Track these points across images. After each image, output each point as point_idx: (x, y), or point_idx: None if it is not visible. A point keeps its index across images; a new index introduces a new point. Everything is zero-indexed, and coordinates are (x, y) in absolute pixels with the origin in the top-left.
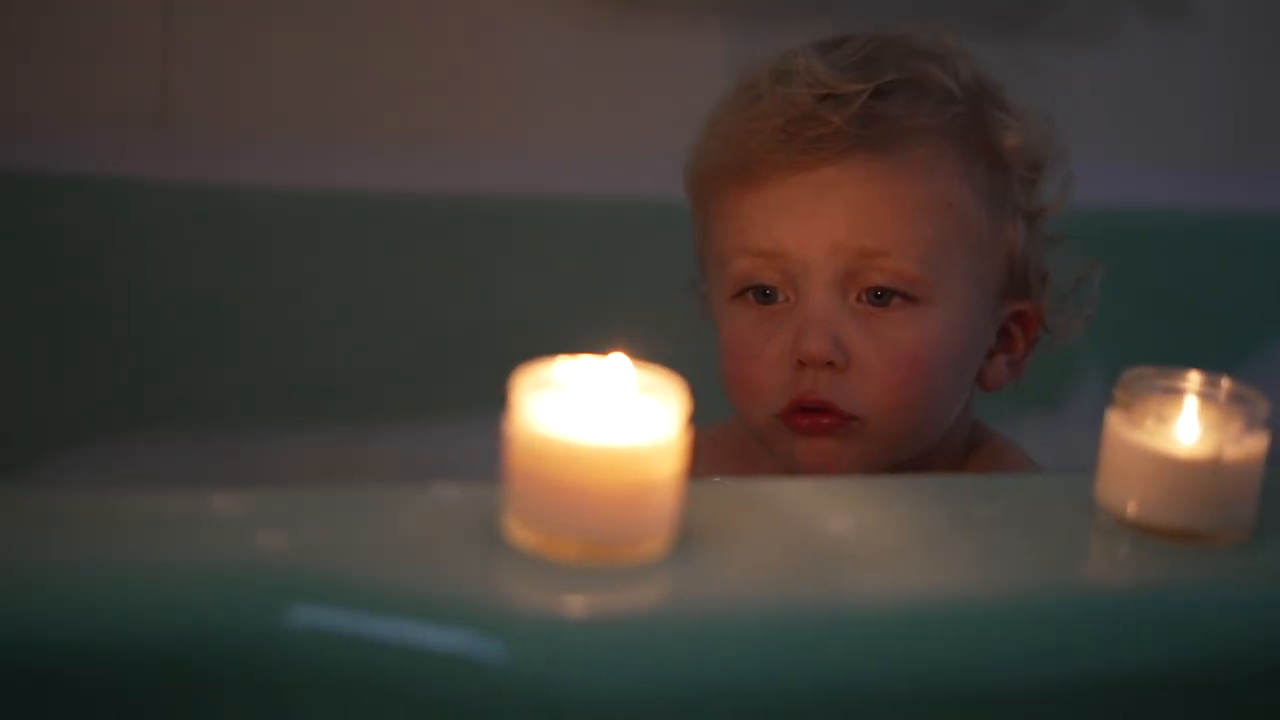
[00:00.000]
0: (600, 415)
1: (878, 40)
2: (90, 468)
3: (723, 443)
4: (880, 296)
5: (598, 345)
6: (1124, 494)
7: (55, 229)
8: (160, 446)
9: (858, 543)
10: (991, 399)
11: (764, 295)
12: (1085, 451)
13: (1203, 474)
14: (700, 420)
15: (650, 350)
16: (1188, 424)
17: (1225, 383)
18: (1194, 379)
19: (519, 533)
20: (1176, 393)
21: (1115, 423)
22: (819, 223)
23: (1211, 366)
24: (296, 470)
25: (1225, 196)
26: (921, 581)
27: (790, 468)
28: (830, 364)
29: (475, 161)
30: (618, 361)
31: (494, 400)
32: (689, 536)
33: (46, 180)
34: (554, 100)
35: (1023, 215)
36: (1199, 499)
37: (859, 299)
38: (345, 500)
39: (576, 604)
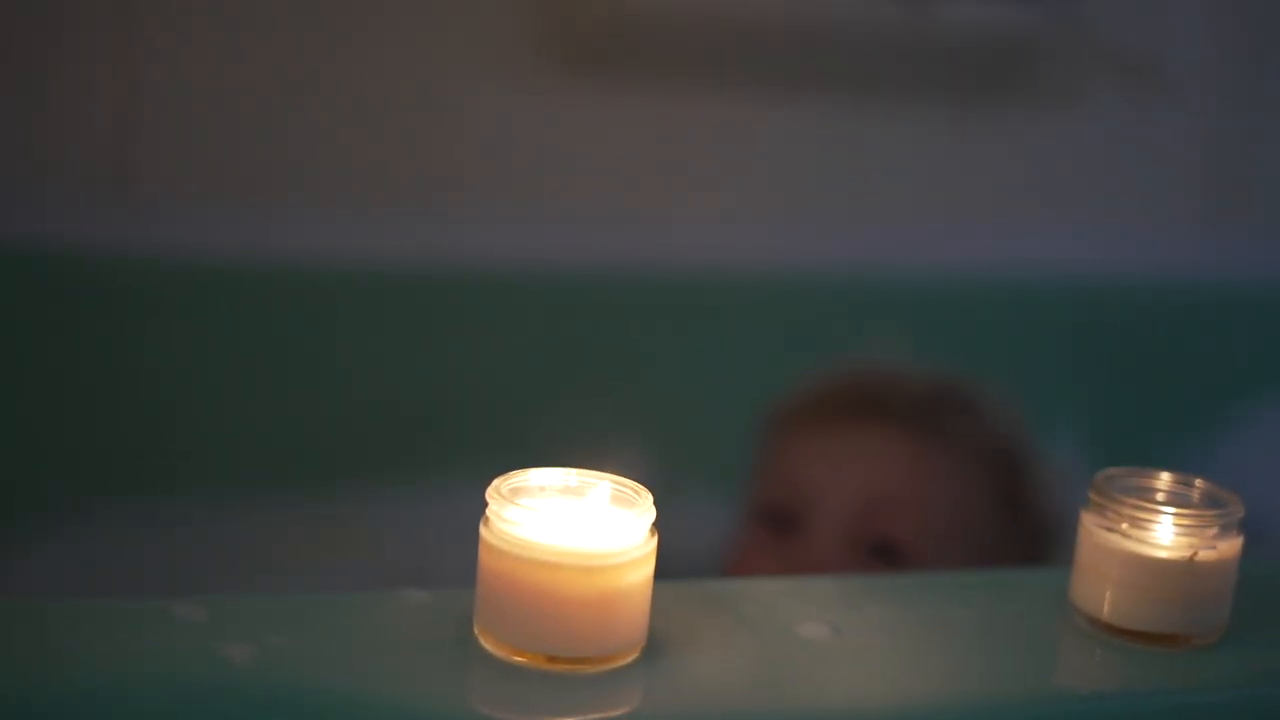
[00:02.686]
0: (570, 525)
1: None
2: (48, 538)
3: None
4: (878, 552)
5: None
6: (1098, 595)
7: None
8: (121, 517)
9: (830, 648)
10: None
11: (777, 520)
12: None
13: (1177, 577)
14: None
15: (613, 415)
16: (1162, 527)
17: (1199, 483)
18: (1167, 479)
19: (488, 641)
20: (1150, 494)
21: (1089, 524)
22: (848, 468)
23: (1179, 430)
24: (258, 539)
25: (1195, 261)
26: (895, 689)
27: None
28: None
29: (435, 227)
30: (588, 472)
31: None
32: (659, 641)
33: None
34: (513, 167)
35: (1023, 552)
36: (1173, 602)
37: (856, 546)
38: (312, 607)
39: (544, 714)
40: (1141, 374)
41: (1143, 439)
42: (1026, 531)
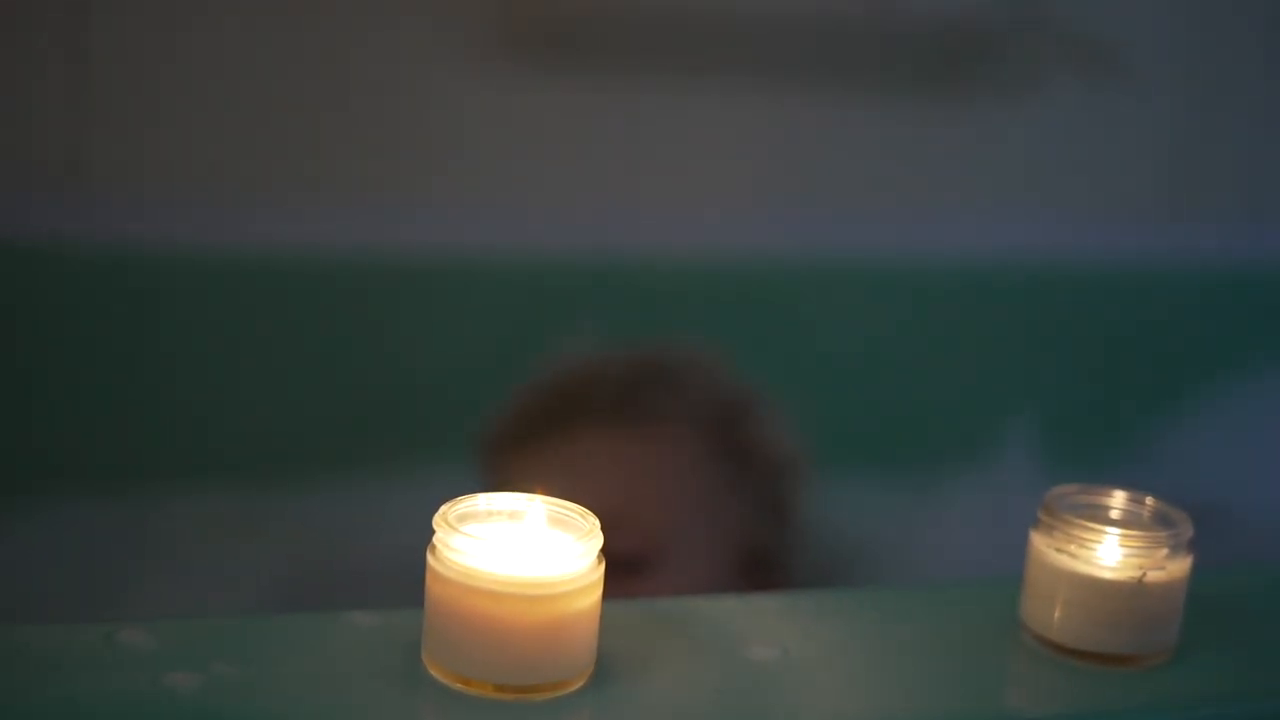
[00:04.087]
0: (517, 552)
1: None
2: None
3: None
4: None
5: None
6: (1047, 615)
7: None
8: (72, 509)
9: (779, 669)
10: (922, 451)
11: None
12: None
13: (1126, 598)
14: None
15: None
16: (1110, 547)
17: (1150, 501)
18: (1118, 497)
19: (436, 669)
20: (1100, 513)
21: (1038, 544)
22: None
23: (1136, 415)
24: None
25: (1154, 246)
26: (844, 711)
27: None
28: None
29: (395, 216)
30: (533, 499)
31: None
32: (607, 664)
33: None
34: (475, 156)
35: (767, 502)
36: (1122, 622)
37: None
38: (258, 631)
39: None
40: (1097, 357)
41: (1101, 423)
42: (762, 476)
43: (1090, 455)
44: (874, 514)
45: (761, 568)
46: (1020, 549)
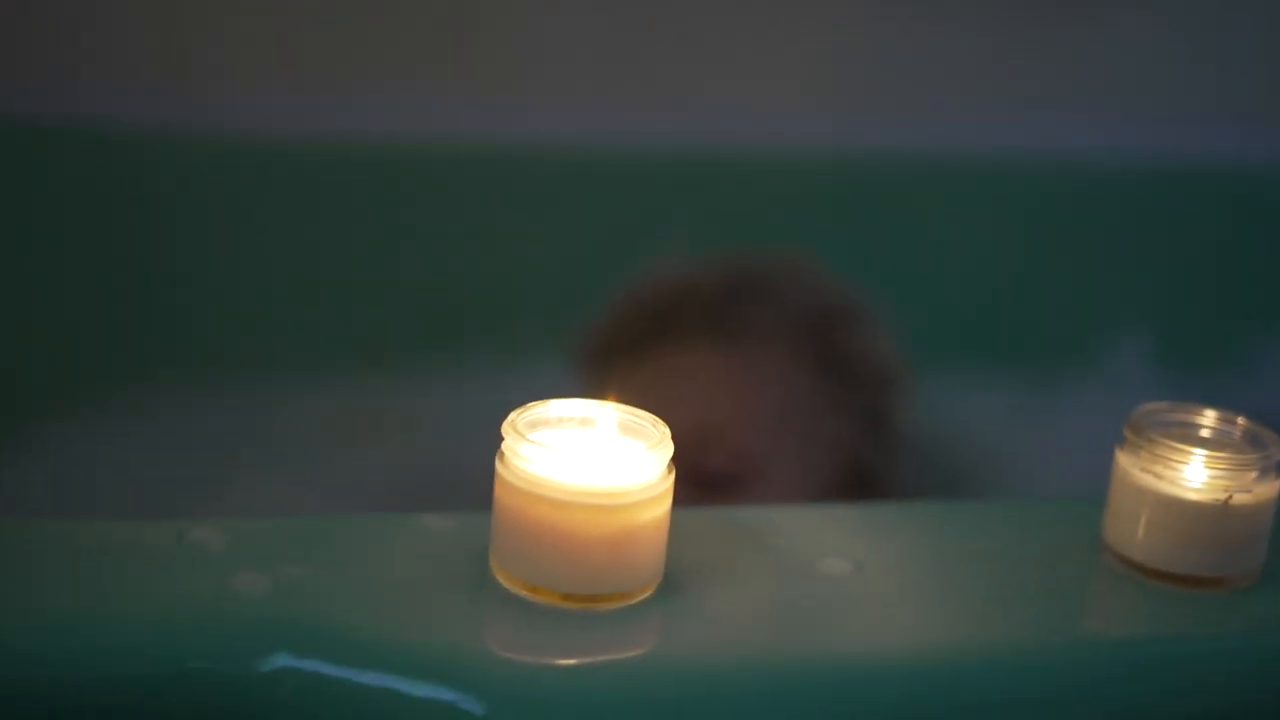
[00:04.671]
0: (586, 461)
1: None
2: (117, 418)
3: None
4: (710, 482)
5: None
6: (1130, 536)
7: (71, 180)
8: (182, 399)
9: (851, 583)
10: (1030, 359)
11: None
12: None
13: (1211, 520)
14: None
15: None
16: (1196, 468)
17: (1241, 421)
18: (1209, 417)
19: (504, 576)
20: (1189, 432)
21: (1123, 463)
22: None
23: (1251, 327)
24: (320, 422)
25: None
26: (915, 631)
27: None
28: None
29: (495, 108)
30: (605, 405)
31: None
32: (676, 574)
33: (62, 130)
34: (571, 49)
35: (863, 408)
36: (1206, 545)
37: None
38: (330, 533)
39: (558, 652)
40: (1216, 267)
41: (1215, 334)
42: (861, 387)
43: (1202, 367)
44: (978, 425)
45: (861, 483)
46: None
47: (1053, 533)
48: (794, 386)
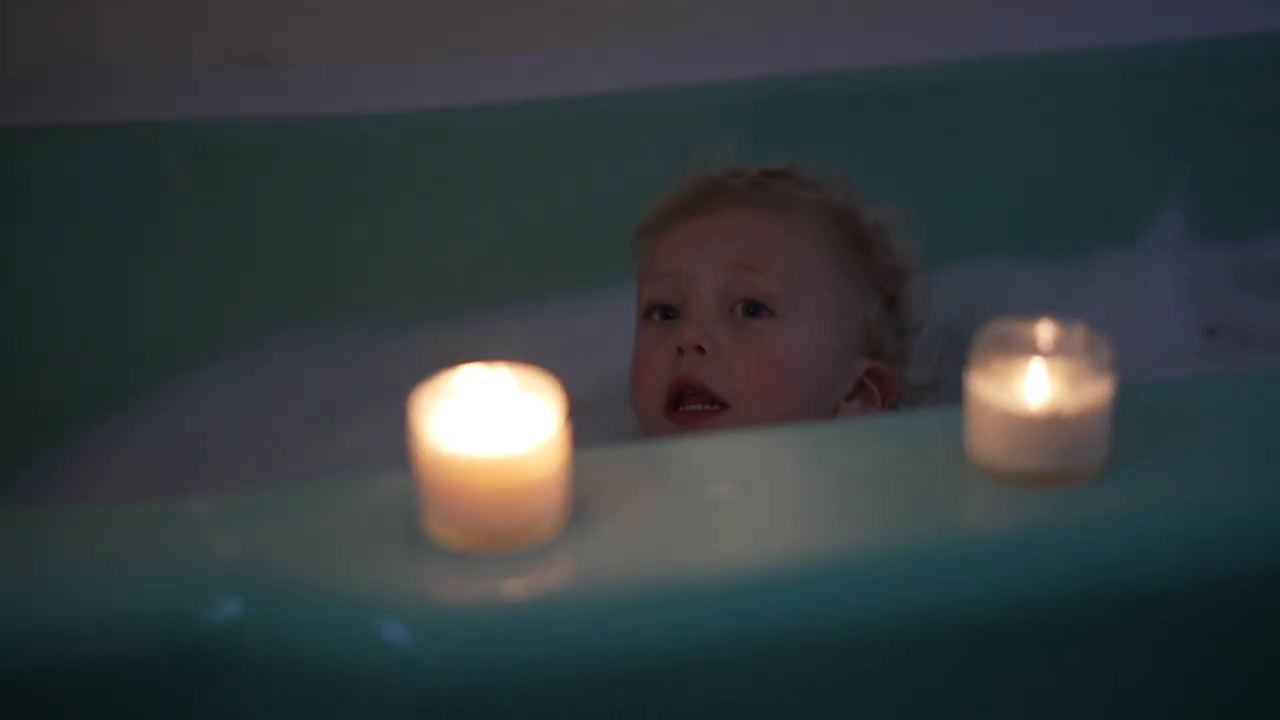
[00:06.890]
0: (488, 423)
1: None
2: (224, 379)
3: None
4: (751, 311)
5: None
6: (982, 444)
7: (162, 171)
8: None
9: (739, 503)
10: (1067, 234)
11: (665, 314)
12: (1161, 286)
13: (1047, 427)
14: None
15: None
16: (1033, 380)
17: (1077, 330)
18: (1045, 330)
19: (433, 527)
20: (1026, 346)
21: (971, 381)
22: (708, 246)
23: None
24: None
25: None
26: (798, 543)
27: None
28: (700, 349)
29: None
30: (499, 371)
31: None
32: (582, 509)
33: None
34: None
35: (881, 294)
36: (1047, 447)
37: (733, 311)
38: (290, 496)
39: (481, 589)
40: (1249, 146)
41: (1249, 218)
42: (881, 270)
43: (1237, 248)
44: (1015, 305)
45: (873, 353)
46: (1165, 341)
47: (921, 443)
48: (821, 250)
